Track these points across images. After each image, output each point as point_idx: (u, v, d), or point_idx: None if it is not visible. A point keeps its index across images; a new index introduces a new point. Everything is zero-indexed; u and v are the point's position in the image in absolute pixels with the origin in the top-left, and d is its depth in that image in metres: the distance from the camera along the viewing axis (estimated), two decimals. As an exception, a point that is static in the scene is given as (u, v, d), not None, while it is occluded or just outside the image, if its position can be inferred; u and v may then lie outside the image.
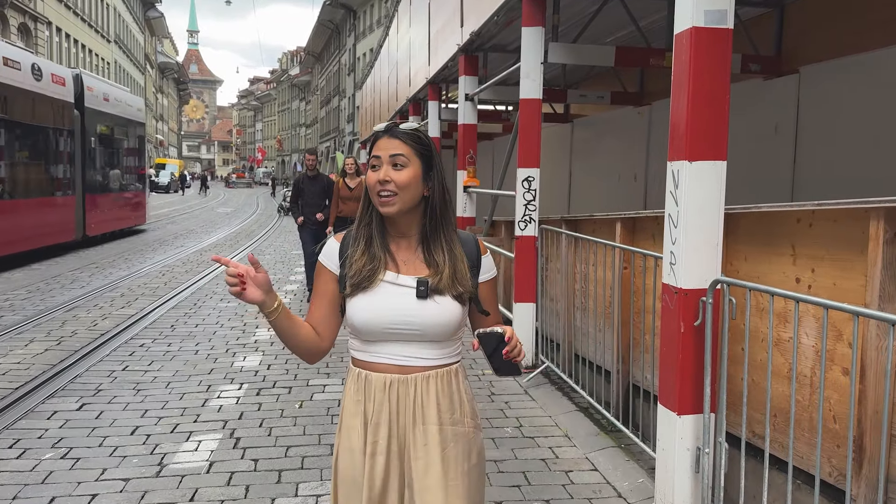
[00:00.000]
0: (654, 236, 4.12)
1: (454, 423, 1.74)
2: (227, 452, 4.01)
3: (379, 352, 1.74)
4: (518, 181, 5.67)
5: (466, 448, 1.75)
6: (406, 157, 1.70)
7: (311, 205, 8.74)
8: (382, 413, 1.71)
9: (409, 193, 1.70)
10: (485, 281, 1.82)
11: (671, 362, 3.06)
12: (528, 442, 4.22)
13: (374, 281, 1.71)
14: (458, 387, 1.77)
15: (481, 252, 1.83)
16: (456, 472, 1.72)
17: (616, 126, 9.42)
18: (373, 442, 1.71)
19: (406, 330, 1.70)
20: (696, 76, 2.89)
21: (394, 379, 1.72)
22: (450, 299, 1.71)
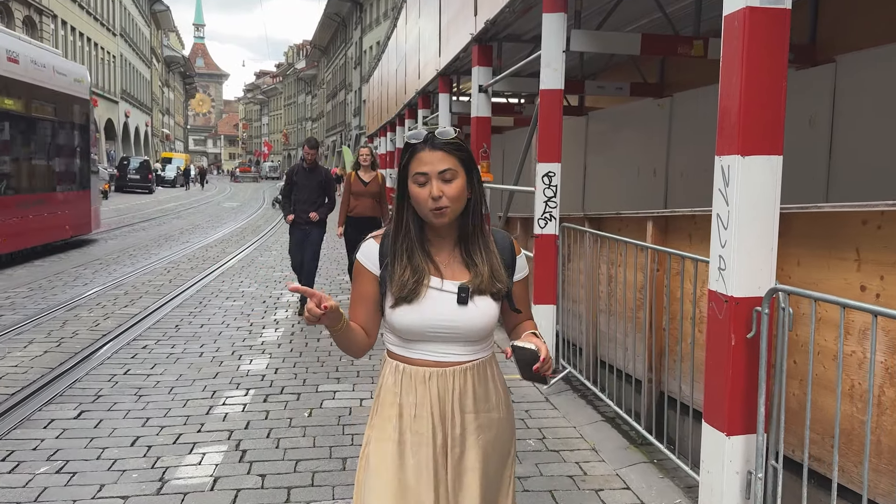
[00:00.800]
0: (690, 237, 3.84)
1: (489, 409, 1.82)
2: (232, 467, 3.76)
3: (418, 348, 1.79)
4: (537, 176, 5.39)
5: (502, 435, 1.85)
6: (454, 170, 1.71)
7: (304, 201, 7.36)
8: (423, 406, 1.77)
9: (460, 203, 1.74)
10: (519, 280, 1.86)
11: (719, 378, 2.79)
12: (552, 456, 3.95)
13: (420, 292, 1.75)
14: (493, 375, 1.85)
15: (516, 252, 1.86)
16: (489, 457, 1.81)
17: (635, 119, 9.11)
18: (417, 433, 1.77)
19: (446, 333, 1.76)
20: (751, 62, 2.61)
21: (433, 372, 1.78)
22: (487, 300, 1.77)
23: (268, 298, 8.62)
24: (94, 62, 39.12)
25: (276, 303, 8.37)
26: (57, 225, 12.64)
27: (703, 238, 3.72)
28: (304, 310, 1.66)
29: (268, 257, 12.79)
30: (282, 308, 8.04)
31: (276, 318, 7.46)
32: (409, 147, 1.76)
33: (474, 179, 1.76)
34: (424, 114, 13.03)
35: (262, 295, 8.85)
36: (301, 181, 7.43)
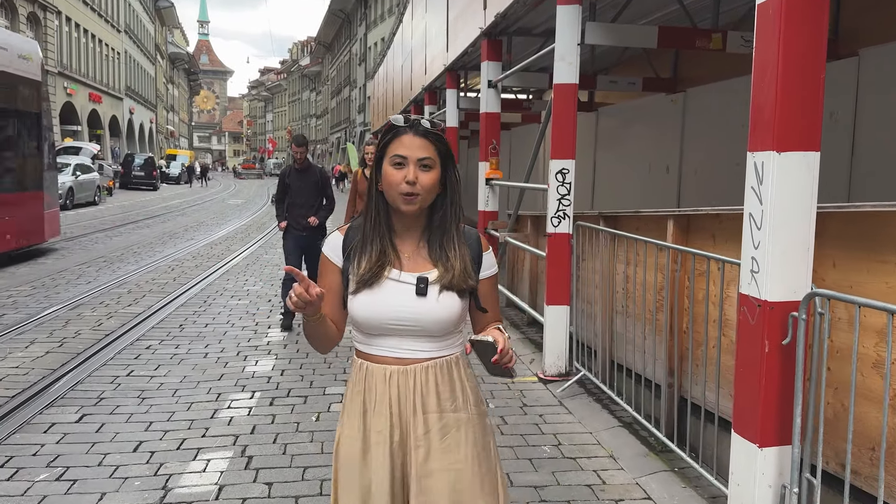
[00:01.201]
0: (714, 237, 3.69)
1: (456, 409, 1.76)
2: (238, 474, 3.63)
3: (379, 344, 1.77)
4: (551, 173, 5.24)
5: (471, 434, 1.77)
6: (433, 160, 1.71)
7: (299, 205, 6.69)
8: (383, 403, 1.74)
9: (431, 195, 1.73)
10: (485, 278, 1.82)
11: (751, 386, 2.64)
12: (569, 464, 3.81)
13: (380, 278, 1.73)
14: (460, 374, 1.79)
15: (483, 248, 1.83)
16: (458, 457, 1.74)
17: (647, 114, 8.95)
18: (376, 431, 1.74)
19: (405, 325, 1.73)
20: (788, 51, 2.46)
21: (394, 370, 1.75)
22: (450, 295, 1.73)
23: (273, 297, 8.49)
24: (98, 59, 39.06)
25: (281, 302, 8.23)
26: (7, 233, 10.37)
27: (729, 238, 3.58)
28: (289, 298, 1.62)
29: (273, 255, 12.66)
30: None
31: (281, 318, 7.32)
32: (392, 128, 1.74)
33: (450, 175, 1.76)
34: (431, 110, 12.87)
35: (268, 293, 8.72)
36: (294, 183, 6.77)
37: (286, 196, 6.82)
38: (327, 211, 6.91)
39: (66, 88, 32.73)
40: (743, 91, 6.81)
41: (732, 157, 7.11)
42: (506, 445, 4.03)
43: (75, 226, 16.64)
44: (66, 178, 21.07)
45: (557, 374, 5.22)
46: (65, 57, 32.97)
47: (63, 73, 32.20)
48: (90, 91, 36.89)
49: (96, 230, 15.91)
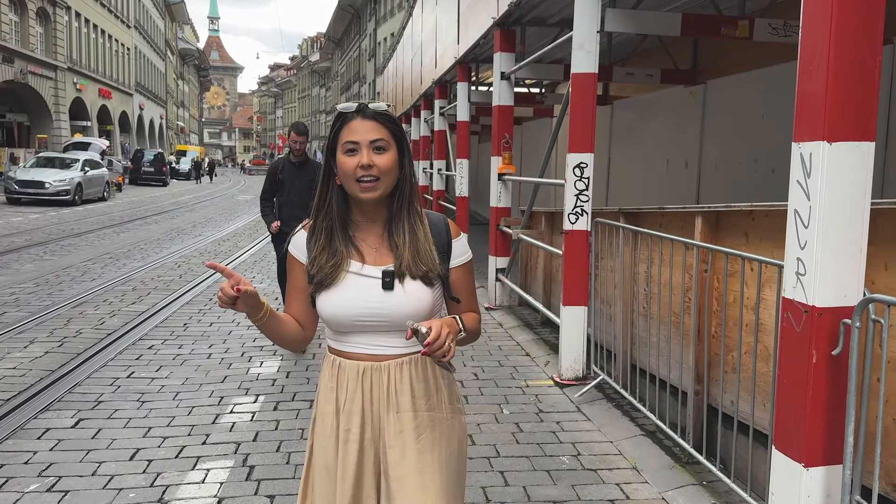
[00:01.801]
0: (747, 235, 3.45)
1: (430, 408, 1.71)
2: (238, 486, 3.43)
3: (351, 341, 1.72)
4: (568, 168, 5.00)
5: (445, 434, 1.73)
6: (386, 141, 1.66)
7: (292, 204, 5.84)
8: (355, 401, 1.69)
9: (390, 178, 1.67)
10: (457, 266, 1.76)
11: (795, 400, 2.41)
12: (589, 476, 3.59)
13: (338, 276, 1.67)
14: (435, 372, 1.74)
15: (452, 236, 1.77)
16: (433, 459, 1.70)
17: (664, 108, 8.68)
18: (346, 430, 1.69)
19: (374, 321, 1.68)
20: (841, 32, 2.21)
21: (367, 366, 1.70)
22: (417, 285, 1.67)
23: (280, 295, 8.29)
24: (108, 54, 39.03)
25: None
26: None
27: (763, 236, 3.34)
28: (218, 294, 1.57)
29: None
30: (294, 306, 7.71)
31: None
32: (340, 116, 1.69)
33: (405, 157, 1.70)
34: (441, 104, 12.63)
35: (275, 291, 8.52)
36: (288, 179, 5.88)
37: (276, 194, 5.96)
38: None
39: (75, 84, 32.71)
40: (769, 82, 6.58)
41: (754, 152, 6.85)
42: (521, 455, 3.81)
43: (83, 222, 16.54)
44: (74, 174, 21.01)
45: (574, 377, 4.99)
46: (74, 52, 32.94)
47: (73, 69, 32.17)
48: (100, 87, 36.87)
49: (104, 226, 15.79)
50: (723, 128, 7.44)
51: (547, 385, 5.04)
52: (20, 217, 16.99)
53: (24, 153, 25.69)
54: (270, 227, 6.00)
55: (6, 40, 25.33)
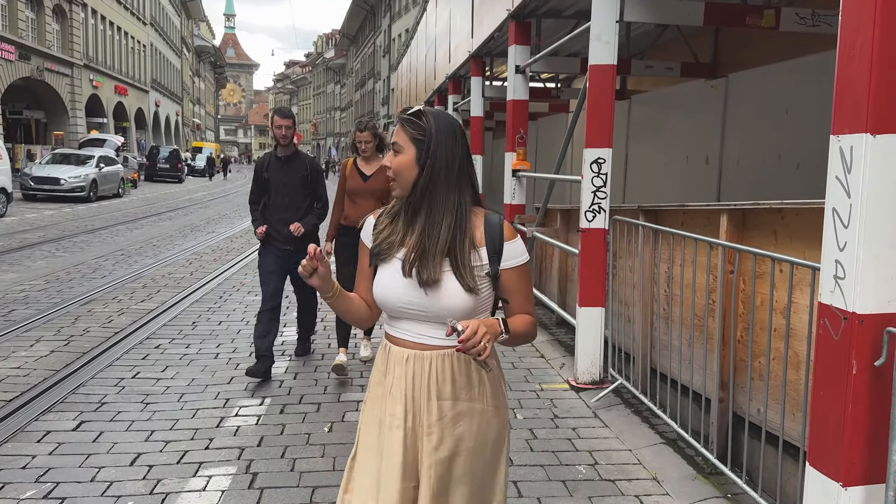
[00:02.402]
0: (776, 234, 3.26)
1: (471, 399, 1.75)
2: (240, 494, 3.29)
3: (400, 327, 1.79)
4: (585, 164, 4.82)
5: (484, 425, 1.77)
6: (401, 144, 1.76)
7: (281, 207, 4.94)
8: (399, 386, 1.76)
9: (404, 177, 1.75)
10: (509, 268, 1.77)
11: (833, 413, 2.22)
12: (607, 487, 3.42)
13: (391, 255, 1.76)
14: (478, 366, 1.75)
15: (505, 238, 1.77)
16: (468, 445, 1.75)
17: (684, 102, 8.45)
18: (391, 414, 1.76)
19: (414, 310, 1.74)
20: (888, 9, 2.02)
21: (411, 354, 1.76)
22: (452, 284, 1.70)
23: (290, 293, 8.14)
24: (124, 51, 39.18)
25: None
26: None
27: (794, 236, 3.15)
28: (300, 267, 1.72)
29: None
30: (305, 304, 7.58)
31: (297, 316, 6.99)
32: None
33: (428, 157, 1.73)
34: (455, 99, 12.46)
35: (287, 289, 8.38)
36: (275, 178, 4.97)
37: (265, 195, 5.04)
38: (317, 217, 5.11)
39: (91, 81, 32.85)
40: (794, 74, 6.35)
41: (778, 148, 6.62)
42: (536, 464, 3.65)
43: (97, 218, 16.55)
44: (89, 171, 21.07)
45: (591, 381, 4.82)
46: (90, 49, 33.07)
47: (89, 66, 32.30)
48: (116, 83, 37.02)
49: (118, 222, 15.78)
50: (745, 122, 7.21)
51: (562, 389, 4.86)
52: (35, 213, 17.03)
53: (41, 150, 25.82)
54: (257, 232, 5.00)
55: (23, 37, 25.45)
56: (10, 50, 24.32)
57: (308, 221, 5.02)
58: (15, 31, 24.85)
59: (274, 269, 5.08)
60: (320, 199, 5.18)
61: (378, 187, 4.85)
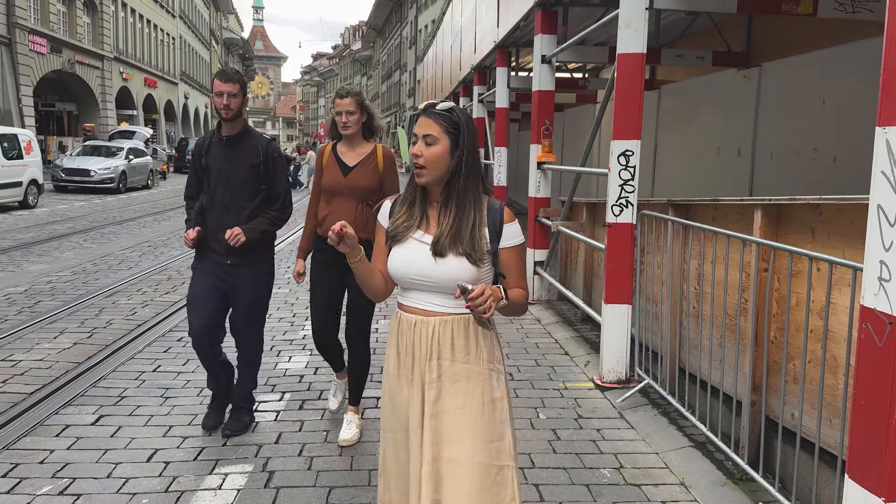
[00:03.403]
0: (813, 231, 3.10)
1: (468, 361, 1.98)
2: (256, 494, 3.24)
3: (410, 297, 2.05)
4: (612, 156, 4.68)
5: (480, 386, 1.99)
6: (435, 136, 1.95)
7: (219, 205, 3.68)
8: (408, 347, 2.02)
9: (436, 168, 1.97)
10: (506, 248, 2.03)
11: (876, 423, 2.08)
12: (633, 492, 3.30)
13: (406, 236, 2.01)
14: (476, 332, 2.01)
15: (505, 220, 2.03)
16: (465, 403, 1.96)
17: (715, 92, 8.22)
18: (406, 369, 2.03)
19: (425, 282, 1.99)
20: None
21: (418, 320, 2.01)
22: (459, 259, 1.95)
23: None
24: (153, 44, 39.59)
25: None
26: None
27: (833, 233, 2.99)
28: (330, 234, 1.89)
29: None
30: (327, 297, 7.54)
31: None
32: (415, 114, 2.06)
33: (461, 149, 1.97)
34: (480, 90, 12.31)
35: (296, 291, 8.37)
36: (215, 165, 3.67)
37: (202, 189, 3.75)
38: (272, 222, 3.72)
39: (121, 73, 33.25)
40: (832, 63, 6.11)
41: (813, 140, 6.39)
42: (559, 466, 3.54)
43: (126, 209, 16.73)
44: (118, 162, 21.32)
45: (616, 380, 4.69)
46: (121, 42, 33.46)
47: (119, 59, 32.69)
48: (146, 76, 37.44)
49: (146, 214, 15.94)
50: (779, 113, 6.97)
51: (587, 388, 4.74)
52: (65, 205, 17.28)
53: (73, 142, 26.21)
54: (185, 238, 3.66)
55: (54, 30, 25.81)
56: (43, 43, 24.69)
57: (254, 227, 3.59)
58: (47, 24, 25.20)
59: (206, 292, 3.73)
60: (277, 199, 3.71)
61: (363, 185, 3.57)
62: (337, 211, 3.58)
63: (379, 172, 3.65)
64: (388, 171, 3.69)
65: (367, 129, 3.70)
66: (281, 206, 3.77)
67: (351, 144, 3.69)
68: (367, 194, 3.61)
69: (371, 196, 3.60)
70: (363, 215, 3.56)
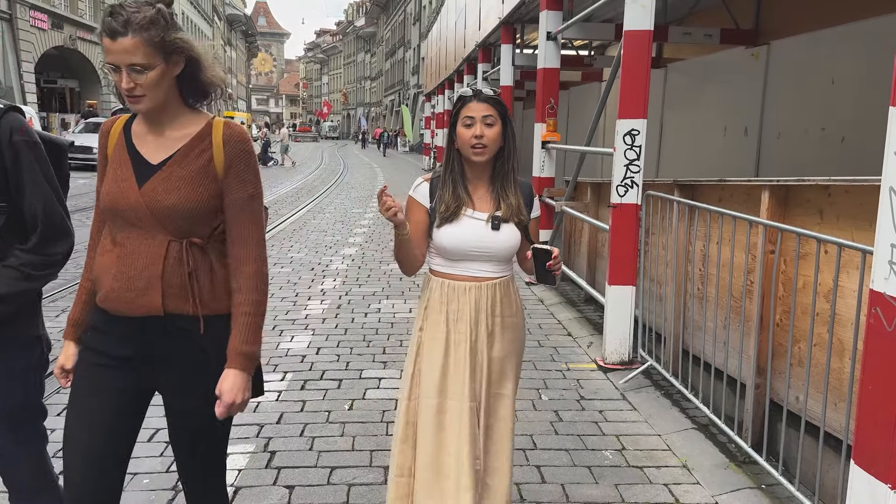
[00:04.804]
0: (821, 213, 3.05)
1: (512, 315, 2.33)
2: (257, 473, 3.23)
3: (462, 267, 2.27)
4: (618, 135, 4.61)
5: (519, 333, 2.38)
6: (494, 118, 2.21)
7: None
8: (464, 311, 2.25)
9: (496, 145, 2.23)
10: (535, 217, 2.36)
11: (884, 410, 2.05)
12: (635, 475, 3.28)
13: (459, 215, 2.23)
14: (514, 290, 2.35)
15: (533, 195, 2.36)
16: (513, 349, 2.34)
17: (723, 70, 8.11)
18: (459, 332, 2.24)
19: (482, 252, 2.25)
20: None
21: (471, 286, 2.26)
22: (512, 228, 2.25)
23: (316, 266, 8.12)
24: (156, 20, 39.24)
25: (324, 270, 7.87)
26: None
27: (842, 215, 2.95)
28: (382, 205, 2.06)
29: (320, 220, 12.35)
30: (330, 276, 7.53)
31: (322, 289, 6.95)
32: (461, 99, 2.25)
33: (508, 131, 2.25)
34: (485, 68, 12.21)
35: (311, 262, 8.37)
36: None
37: None
38: (30, 269, 1.99)
39: (124, 50, 32.97)
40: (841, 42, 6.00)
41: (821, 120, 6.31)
42: (560, 448, 3.53)
43: (129, 188, 16.68)
44: (121, 140, 21.18)
45: (619, 361, 4.67)
46: (123, 19, 33.15)
47: (121, 35, 32.40)
48: (148, 53, 37.14)
49: (148, 192, 15.89)
50: (787, 92, 6.88)
51: (589, 369, 4.72)
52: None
53: (75, 118, 26.10)
54: None
55: (55, 6, 25.58)
56: (44, 19, 24.49)
57: None
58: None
59: None
60: (34, 219, 2.02)
61: (181, 206, 1.78)
62: (127, 258, 1.81)
63: (216, 178, 1.84)
64: (234, 176, 1.86)
65: (189, 88, 1.88)
66: (40, 239, 2.02)
67: (156, 121, 1.86)
68: (189, 224, 1.80)
69: (199, 227, 1.83)
70: (185, 268, 1.80)
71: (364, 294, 6.77)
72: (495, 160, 2.26)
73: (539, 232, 7.48)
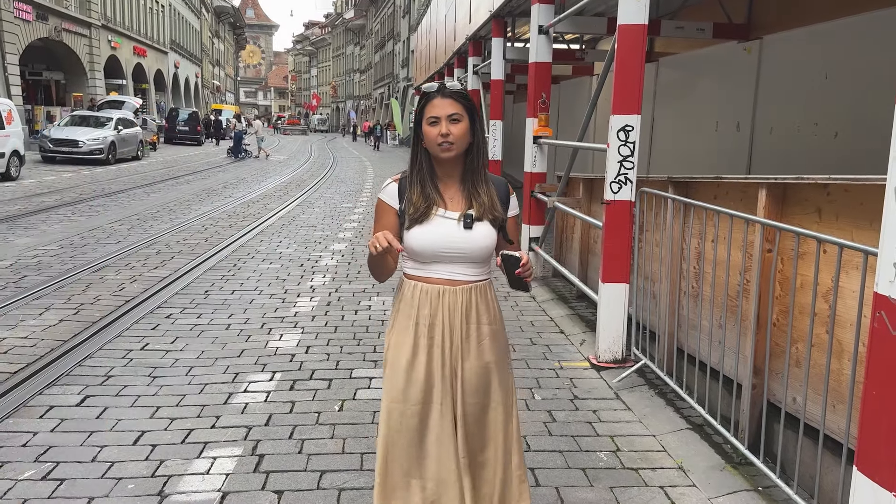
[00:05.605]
0: (820, 212, 3.00)
1: (490, 322, 2.22)
2: (245, 478, 3.16)
3: (433, 270, 2.18)
4: (611, 131, 4.55)
5: (499, 340, 2.26)
6: (460, 114, 2.12)
7: None
8: (437, 315, 2.16)
9: (463, 142, 2.14)
10: (512, 216, 2.27)
11: (887, 415, 2.00)
12: (630, 477, 3.24)
13: (429, 215, 2.14)
14: (492, 296, 2.26)
15: (509, 192, 2.27)
16: (489, 359, 2.21)
17: (715, 65, 8.06)
18: (429, 338, 2.16)
19: (454, 253, 2.15)
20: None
21: (445, 290, 2.17)
22: (487, 226, 2.16)
23: (305, 261, 8.03)
24: (142, 12, 38.84)
25: (314, 266, 7.78)
26: None
27: (841, 214, 2.90)
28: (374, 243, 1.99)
29: (310, 214, 12.24)
30: (319, 273, 7.45)
31: (312, 285, 6.87)
32: (424, 95, 2.15)
33: (476, 126, 2.16)
34: (475, 62, 12.09)
35: (301, 257, 8.28)
36: None
37: None
38: None
39: (110, 42, 32.64)
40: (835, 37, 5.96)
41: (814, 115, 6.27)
42: (555, 449, 3.47)
43: (115, 181, 16.50)
44: (108, 133, 20.98)
45: (613, 360, 4.62)
46: (108, 10, 32.78)
47: (107, 27, 32.06)
48: (134, 44, 36.79)
49: (136, 186, 15.72)
50: (780, 88, 6.84)
51: (583, 367, 4.67)
52: (53, 176, 17.02)
53: (61, 111, 25.78)
54: None
55: (40, -3, 25.23)
56: (28, 10, 24.14)
57: None
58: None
59: None
60: None
61: None
62: None
63: None
64: None
65: None
66: None
67: None
68: None
69: None
70: None
71: (354, 290, 6.69)
72: (465, 156, 2.17)
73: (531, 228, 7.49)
